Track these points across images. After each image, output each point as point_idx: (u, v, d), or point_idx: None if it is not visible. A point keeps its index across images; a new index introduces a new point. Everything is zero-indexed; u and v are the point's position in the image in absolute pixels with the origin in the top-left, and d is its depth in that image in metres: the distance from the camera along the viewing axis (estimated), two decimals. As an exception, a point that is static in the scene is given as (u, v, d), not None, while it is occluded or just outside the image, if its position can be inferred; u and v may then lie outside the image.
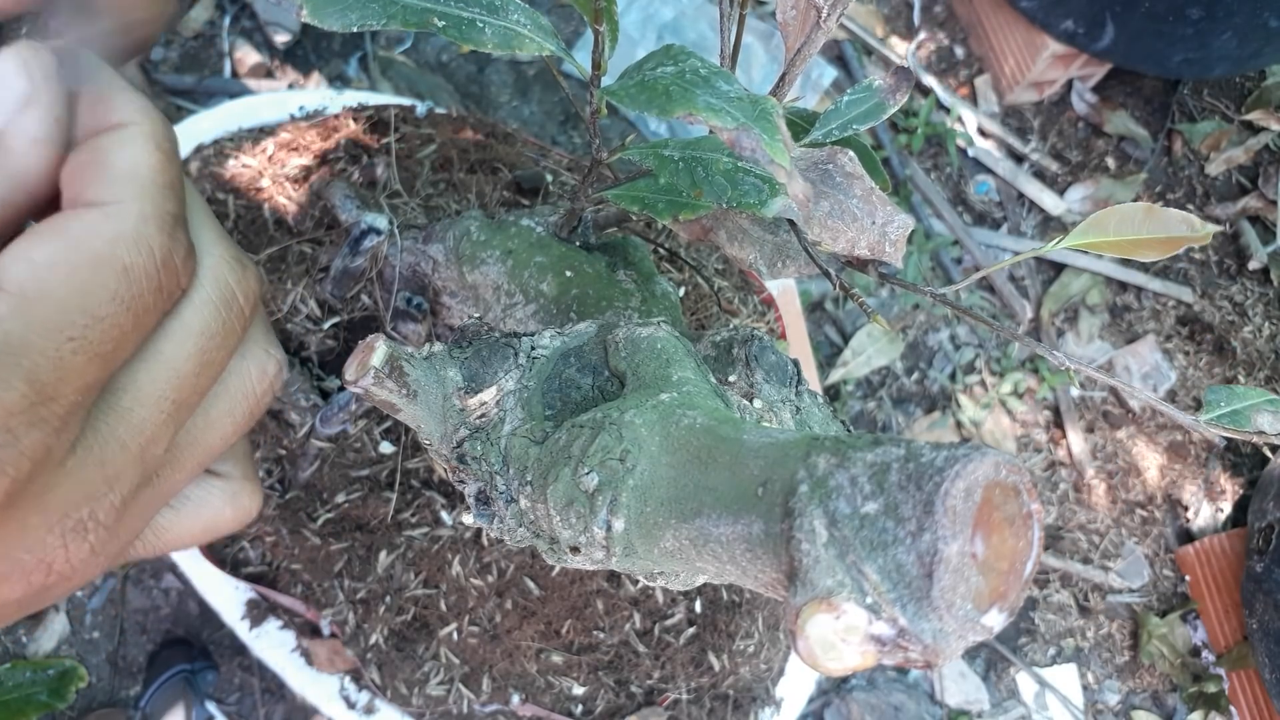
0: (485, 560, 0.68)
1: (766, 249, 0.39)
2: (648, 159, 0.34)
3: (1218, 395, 0.35)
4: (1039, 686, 1.26)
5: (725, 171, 0.33)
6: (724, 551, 0.26)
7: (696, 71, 0.27)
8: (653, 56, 0.29)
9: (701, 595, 0.71)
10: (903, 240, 0.35)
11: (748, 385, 0.36)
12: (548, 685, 0.70)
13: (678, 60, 0.27)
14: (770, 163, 0.24)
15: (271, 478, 0.69)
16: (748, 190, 0.33)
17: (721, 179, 0.33)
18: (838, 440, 0.24)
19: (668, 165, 0.34)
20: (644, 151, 0.34)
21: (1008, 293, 1.40)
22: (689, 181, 0.33)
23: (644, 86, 0.27)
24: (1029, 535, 0.23)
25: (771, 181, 0.33)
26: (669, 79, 0.27)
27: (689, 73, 0.27)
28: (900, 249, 0.35)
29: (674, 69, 0.27)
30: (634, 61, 0.30)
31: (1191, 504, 1.37)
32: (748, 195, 0.32)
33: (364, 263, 0.61)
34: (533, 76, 1.35)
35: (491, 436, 0.35)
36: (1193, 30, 1.24)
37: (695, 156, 0.33)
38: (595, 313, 0.44)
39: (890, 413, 1.33)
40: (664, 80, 0.27)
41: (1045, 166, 1.48)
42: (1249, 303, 1.46)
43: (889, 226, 0.34)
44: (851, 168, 0.34)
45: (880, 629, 0.22)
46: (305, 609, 0.71)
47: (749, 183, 0.33)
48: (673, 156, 0.34)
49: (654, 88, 0.27)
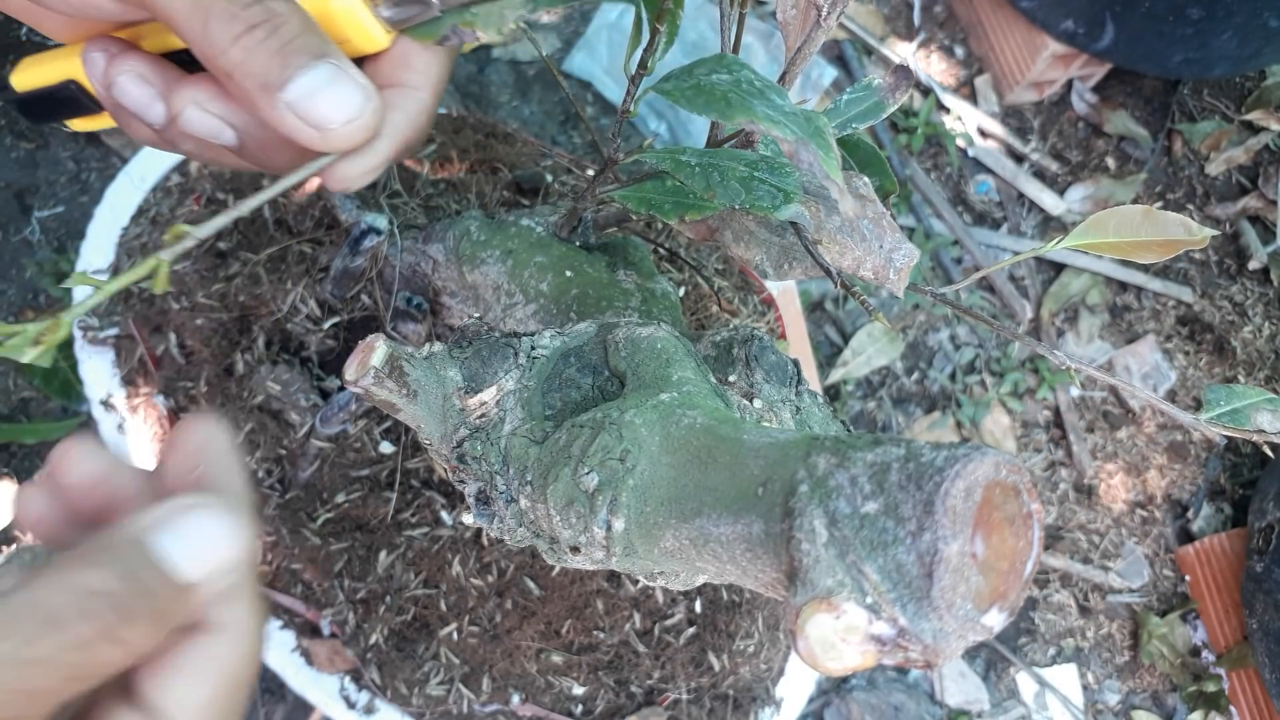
0: (485, 560, 0.68)
1: (773, 251, 0.39)
2: (665, 162, 0.35)
3: (1218, 395, 0.35)
4: (1039, 686, 1.26)
5: (741, 179, 0.33)
6: (724, 551, 0.26)
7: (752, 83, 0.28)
8: (704, 63, 0.30)
9: (701, 595, 0.71)
10: (907, 270, 0.35)
11: (748, 385, 0.36)
12: (548, 685, 0.70)
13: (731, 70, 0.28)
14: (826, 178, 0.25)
15: (271, 478, 0.70)
16: (762, 196, 0.33)
17: (737, 184, 0.33)
18: (838, 440, 0.24)
19: (685, 168, 0.34)
20: (662, 155, 0.35)
21: (1008, 293, 1.40)
22: (704, 184, 0.33)
23: (700, 90, 0.28)
24: (1029, 535, 0.23)
25: (787, 191, 0.33)
26: (726, 86, 0.27)
27: (744, 83, 0.28)
28: (903, 279, 0.35)
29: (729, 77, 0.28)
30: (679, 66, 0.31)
31: (1191, 504, 1.37)
32: (761, 200, 0.33)
33: (364, 263, 0.61)
34: (533, 76, 1.35)
35: (491, 436, 0.35)
36: (1193, 30, 1.24)
37: (712, 163, 0.34)
38: (595, 313, 0.44)
39: (890, 413, 1.33)
40: (721, 87, 0.28)
41: (1045, 166, 1.48)
42: (1249, 303, 1.46)
43: (895, 253, 0.35)
44: (865, 191, 0.35)
45: (880, 629, 0.22)
46: (305, 609, 0.71)
47: (763, 190, 0.33)
48: (690, 162, 0.34)
49: (711, 93, 0.28)
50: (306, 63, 0.27)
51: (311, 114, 0.28)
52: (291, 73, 0.27)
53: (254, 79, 0.27)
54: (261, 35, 0.27)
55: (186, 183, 0.77)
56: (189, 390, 0.71)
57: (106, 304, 0.75)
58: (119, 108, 0.32)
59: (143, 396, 0.73)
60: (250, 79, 0.27)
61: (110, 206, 0.78)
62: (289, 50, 0.27)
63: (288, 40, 0.27)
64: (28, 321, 0.27)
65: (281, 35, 0.27)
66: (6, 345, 0.27)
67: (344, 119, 0.28)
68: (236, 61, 0.27)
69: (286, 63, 0.27)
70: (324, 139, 0.28)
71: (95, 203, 0.78)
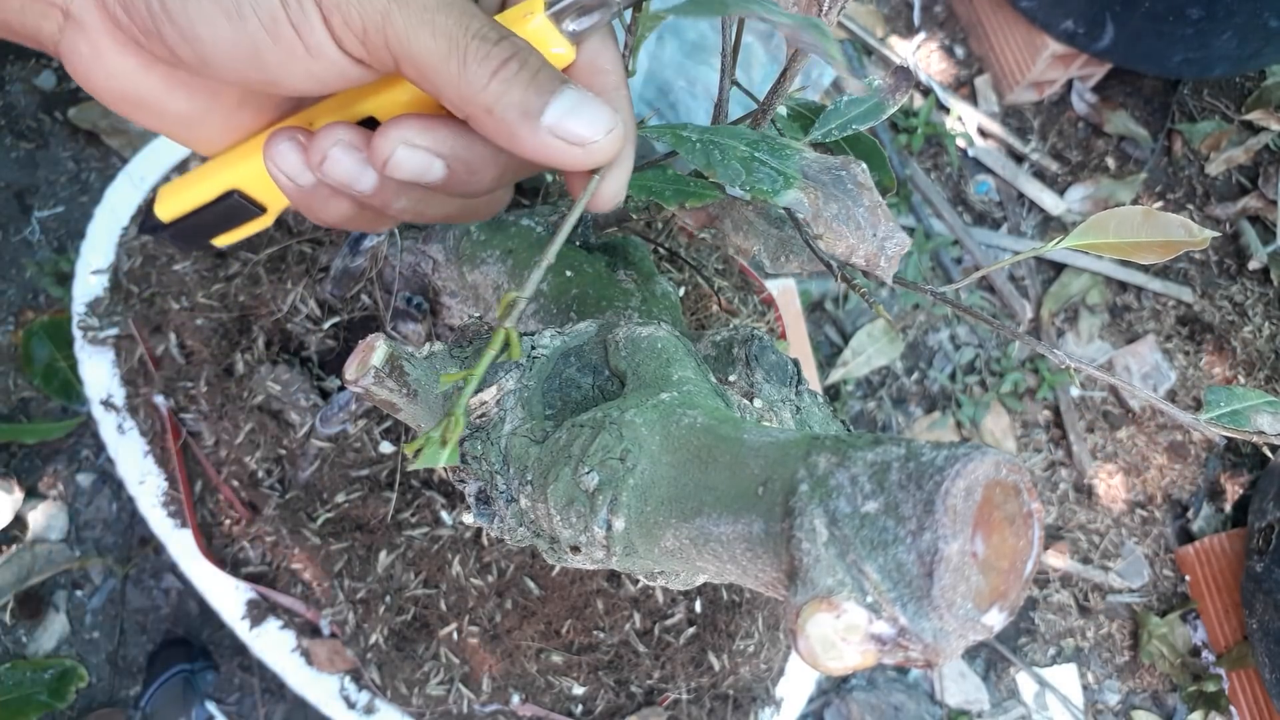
0: (485, 560, 0.68)
1: (770, 242, 0.39)
2: (665, 137, 0.35)
3: (1217, 395, 0.35)
4: (1039, 686, 1.26)
5: (741, 158, 0.33)
6: (724, 551, 0.26)
7: None
8: None
9: (701, 595, 0.71)
10: (898, 258, 0.35)
11: (748, 385, 0.36)
12: (548, 685, 0.70)
13: None
14: (827, 56, 0.25)
15: (271, 477, 0.70)
16: (762, 178, 0.33)
17: (737, 164, 0.33)
18: (838, 440, 0.24)
19: (686, 144, 0.34)
20: (663, 130, 0.35)
21: (1008, 292, 1.40)
22: (705, 162, 0.33)
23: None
24: (1029, 534, 0.23)
25: (786, 174, 0.33)
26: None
27: None
28: (894, 266, 0.35)
29: None
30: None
31: (1191, 504, 1.37)
32: (761, 183, 0.33)
33: (364, 262, 0.61)
34: (533, 76, 1.35)
35: (492, 436, 0.35)
36: (1193, 30, 1.24)
37: (713, 140, 0.34)
38: (595, 312, 0.44)
39: (890, 413, 1.33)
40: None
41: (1045, 166, 1.48)
42: (1249, 303, 1.46)
43: (888, 242, 0.35)
44: (863, 179, 0.35)
45: (880, 628, 0.22)
46: (305, 609, 0.71)
47: (764, 171, 0.33)
48: (691, 138, 0.34)
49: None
50: (557, 88, 0.29)
51: (573, 133, 0.30)
52: (547, 99, 0.29)
53: (514, 109, 0.29)
54: (515, 68, 0.29)
55: (186, 183, 0.77)
56: (189, 390, 0.71)
57: (107, 304, 0.75)
58: (320, 188, 0.33)
59: (142, 396, 0.73)
60: (511, 109, 0.29)
61: (110, 206, 0.78)
62: (539, 80, 0.29)
63: (536, 71, 0.29)
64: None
65: (530, 67, 0.29)
66: (424, 456, 0.29)
67: (603, 132, 0.30)
68: (496, 95, 0.29)
69: (540, 91, 0.29)
70: (587, 154, 0.30)
71: (95, 203, 0.78)
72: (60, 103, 1.18)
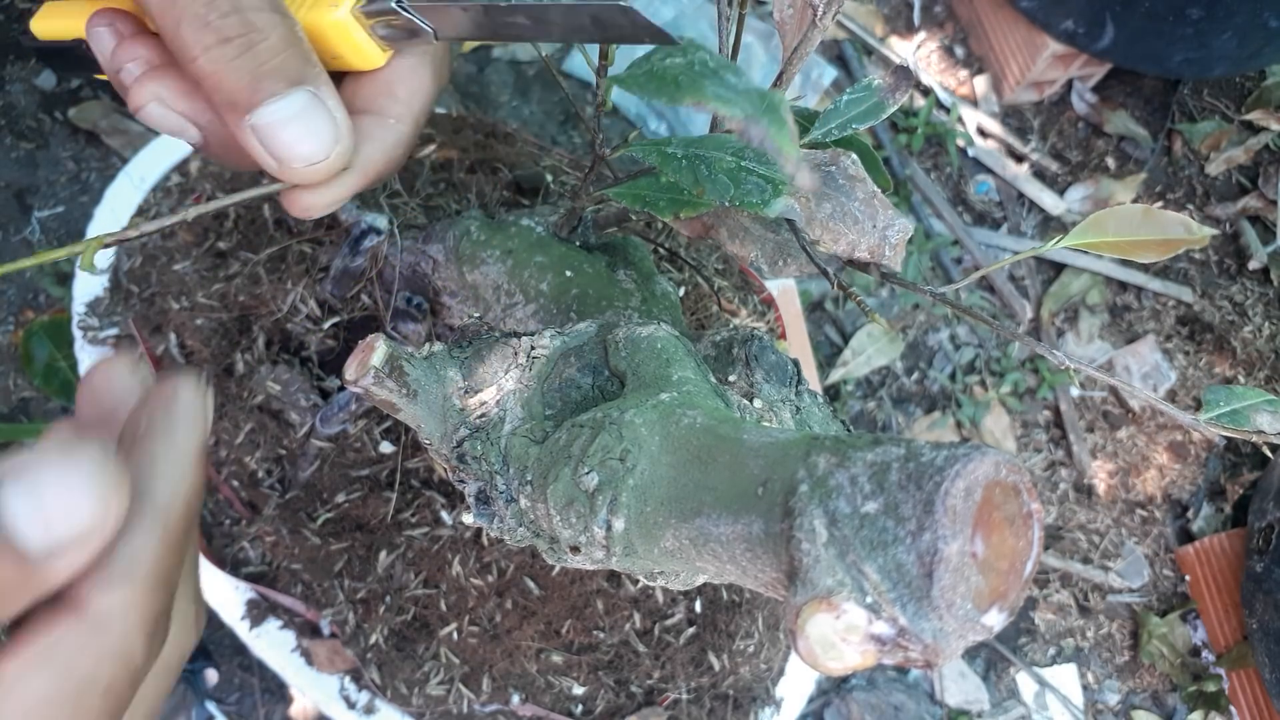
0: (485, 560, 0.68)
1: (767, 247, 0.39)
2: (650, 155, 0.34)
3: (1217, 395, 0.35)
4: (1039, 686, 1.26)
5: (728, 170, 0.33)
6: (724, 551, 0.26)
7: (705, 63, 0.27)
8: (661, 49, 0.29)
9: (701, 595, 0.71)
10: (902, 244, 0.35)
11: (748, 385, 0.36)
12: (548, 685, 0.70)
13: (687, 52, 0.28)
14: (778, 153, 0.24)
15: (271, 477, 0.70)
16: (750, 189, 0.33)
17: (724, 177, 0.33)
18: (838, 440, 0.24)
19: (671, 162, 0.33)
20: (647, 148, 0.34)
21: (1008, 292, 1.40)
22: (691, 179, 0.33)
23: (653, 75, 0.27)
24: (1029, 535, 0.23)
25: (775, 181, 0.33)
26: (678, 69, 0.27)
27: (698, 64, 0.27)
28: (900, 253, 0.35)
29: (683, 60, 0.27)
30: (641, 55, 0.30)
31: (1191, 504, 1.37)
32: (750, 194, 0.32)
33: (364, 262, 0.61)
34: (532, 76, 1.35)
35: (491, 436, 0.35)
36: (1193, 30, 1.24)
37: (699, 154, 0.33)
38: (595, 312, 0.44)
39: (890, 413, 1.33)
40: (673, 70, 0.27)
41: (1045, 166, 1.48)
42: (1249, 303, 1.46)
43: (889, 230, 0.35)
44: (854, 170, 0.35)
45: (880, 628, 0.22)
46: (305, 609, 0.71)
47: (752, 182, 0.33)
48: (676, 154, 0.34)
49: (663, 77, 0.27)
50: (280, 89, 0.25)
51: (276, 145, 0.26)
52: (262, 97, 0.25)
53: (222, 94, 0.25)
54: (234, 51, 0.25)
55: (186, 183, 0.77)
56: (189, 390, 0.71)
57: (107, 303, 0.75)
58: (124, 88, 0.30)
59: (143, 396, 0.73)
60: (218, 94, 0.26)
61: (110, 207, 0.78)
62: (263, 72, 0.25)
63: (263, 60, 0.25)
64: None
65: (257, 54, 0.25)
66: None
67: (308, 158, 0.26)
68: (205, 73, 0.25)
69: (258, 86, 0.25)
70: (283, 173, 0.27)
71: (95, 203, 0.78)
72: (60, 103, 1.18)
